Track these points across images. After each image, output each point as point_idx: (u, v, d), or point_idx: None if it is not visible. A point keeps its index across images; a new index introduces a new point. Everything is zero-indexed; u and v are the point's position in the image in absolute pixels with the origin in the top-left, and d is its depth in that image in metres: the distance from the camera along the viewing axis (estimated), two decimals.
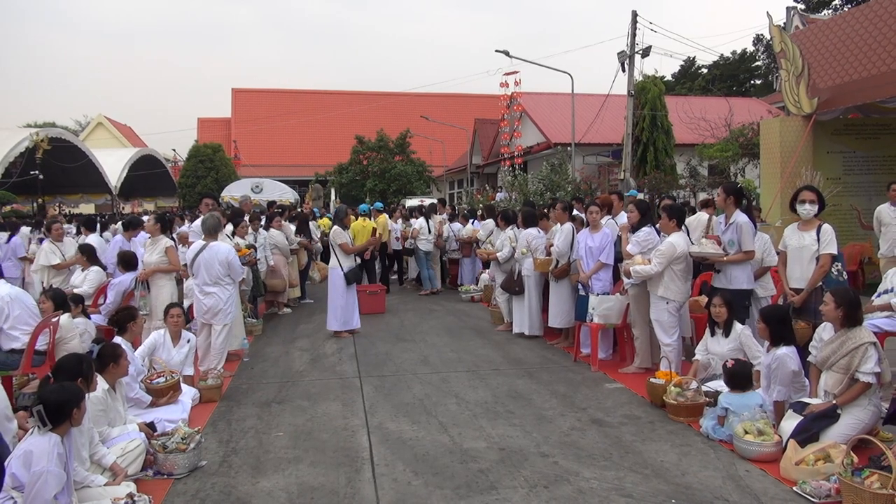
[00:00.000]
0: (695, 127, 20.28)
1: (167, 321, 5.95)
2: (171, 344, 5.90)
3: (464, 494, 3.96)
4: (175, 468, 4.30)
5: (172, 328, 5.94)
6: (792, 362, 4.65)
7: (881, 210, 8.50)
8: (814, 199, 5.63)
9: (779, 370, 4.65)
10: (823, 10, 32.56)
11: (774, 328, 4.78)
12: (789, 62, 10.98)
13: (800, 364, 4.73)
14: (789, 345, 4.74)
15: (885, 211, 8.42)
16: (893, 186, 8.42)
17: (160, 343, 5.83)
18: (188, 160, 31.71)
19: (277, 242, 10.16)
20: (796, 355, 4.72)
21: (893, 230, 8.14)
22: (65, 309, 5.91)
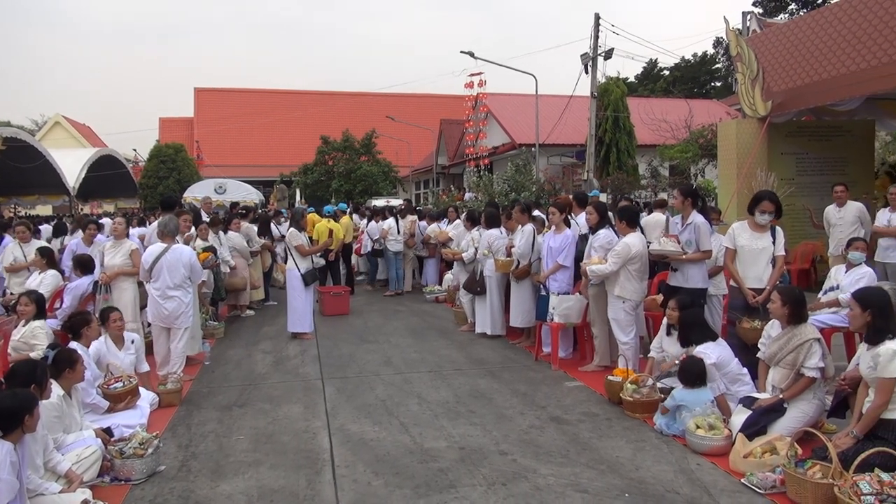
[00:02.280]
0: (656, 128, 20.66)
1: (108, 326, 5.74)
2: (115, 349, 5.72)
3: (423, 493, 4.01)
4: (133, 473, 4.27)
5: (115, 332, 5.81)
6: (709, 357, 4.90)
7: (828, 211, 8.80)
8: (772, 209, 5.77)
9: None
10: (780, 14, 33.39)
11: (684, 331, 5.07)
12: (745, 66, 11.25)
13: (721, 357, 4.99)
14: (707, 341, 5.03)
15: (830, 212, 8.72)
16: (836, 188, 8.73)
17: (104, 351, 5.60)
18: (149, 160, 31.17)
19: (236, 244, 10.07)
20: (716, 350, 4.95)
21: (839, 230, 8.44)
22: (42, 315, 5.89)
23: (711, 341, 5.12)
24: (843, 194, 8.56)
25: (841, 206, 8.54)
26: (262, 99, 44.33)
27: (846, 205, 8.50)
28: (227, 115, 41.36)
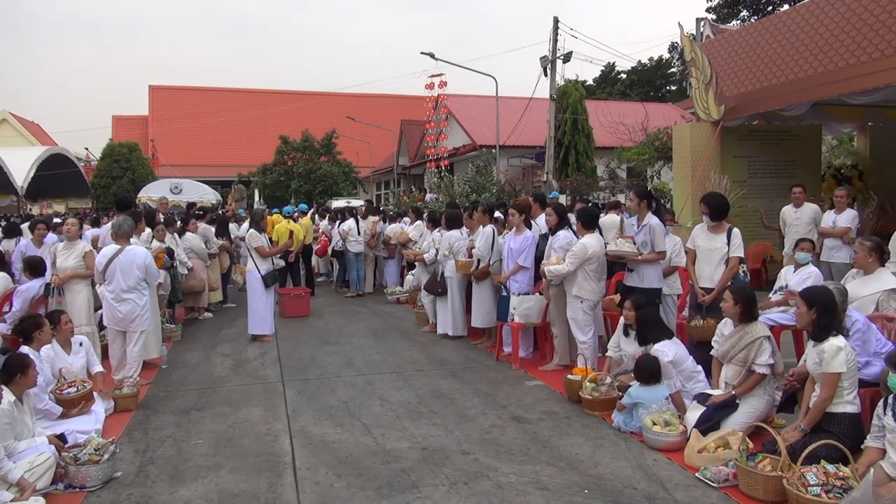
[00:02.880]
0: (614, 131, 21.03)
1: (58, 329, 5.56)
2: (63, 353, 5.55)
3: (386, 494, 4.02)
4: (88, 480, 4.17)
5: (65, 336, 5.66)
6: (665, 355, 5.04)
7: (784, 211, 9.09)
8: (707, 211, 5.97)
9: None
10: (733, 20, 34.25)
11: (641, 329, 5.19)
12: (699, 71, 11.54)
13: (677, 355, 5.13)
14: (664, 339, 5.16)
15: (787, 212, 9.01)
16: (795, 189, 9.03)
17: (52, 355, 5.42)
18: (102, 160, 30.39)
19: (193, 246, 9.91)
20: (672, 347, 5.10)
21: (794, 230, 8.72)
22: None
23: (668, 339, 5.26)
24: (801, 195, 8.86)
25: (798, 206, 8.82)
26: (220, 98, 43.62)
27: (803, 206, 8.79)
28: (184, 114, 40.60)
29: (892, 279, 5.00)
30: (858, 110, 11.61)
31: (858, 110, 11.61)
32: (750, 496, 3.79)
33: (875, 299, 4.95)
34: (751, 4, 34.84)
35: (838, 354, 3.86)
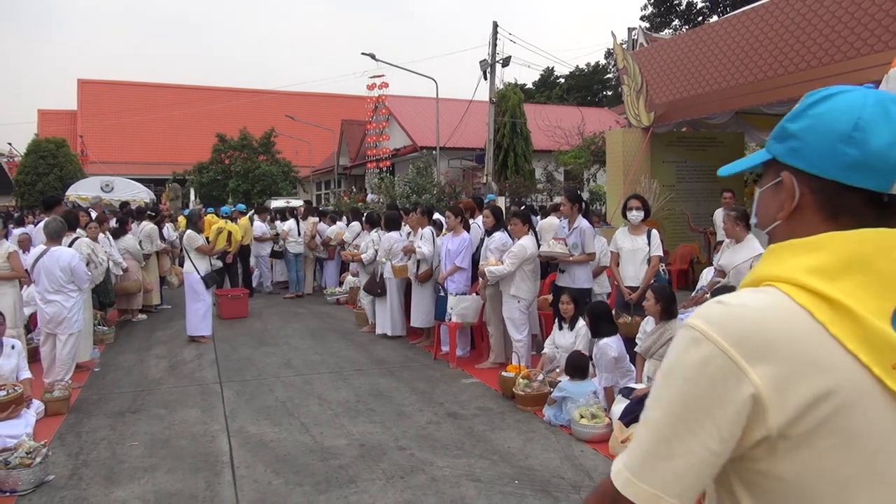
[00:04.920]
0: (551, 134, 21.53)
1: None
2: None
3: (323, 490, 4.12)
4: (18, 484, 4.12)
5: None
6: (612, 350, 5.28)
7: (716, 214, 9.58)
8: (640, 206, 6.32)
9: (602, 358, 5.26)
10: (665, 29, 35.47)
11: (594, 322, 5.41)
12: (630, 78, 11.99)
13: (621, 351, 5.36)
14: (610, 336, 5.36)
15: (719, 215, 9.50)
16: (725, 194, 9.54)
17: None
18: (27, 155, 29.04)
19: (128, 246, 9.73)
20: (617, 344, 5.35)
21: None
22: None
23: (614, 336, 5.48)
24: (731, 200, 9.36)
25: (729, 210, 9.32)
26: (154, 93, 42.36)
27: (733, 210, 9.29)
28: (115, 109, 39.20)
29: (758, 245, 5.34)
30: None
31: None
32: None
33: (748, 265, 5.21)
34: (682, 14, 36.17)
35: None
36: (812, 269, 0.95)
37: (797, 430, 0.92)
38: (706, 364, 0.93)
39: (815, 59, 9.01)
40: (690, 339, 0.96)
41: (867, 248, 0.95)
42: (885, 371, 0.91)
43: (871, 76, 7.22)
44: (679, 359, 0.97)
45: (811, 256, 0.97)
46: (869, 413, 0.92)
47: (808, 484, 0.94)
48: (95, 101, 40.54)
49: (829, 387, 0.91)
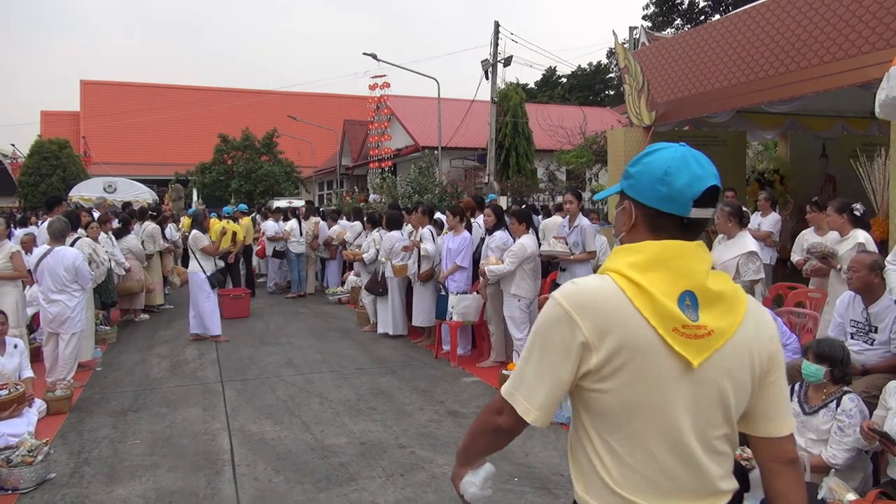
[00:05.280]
0: (553, 134, 21.53)
1: None
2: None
3: (323, 487, 4.14)
4: (21, 482, 4.14)
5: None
6: None
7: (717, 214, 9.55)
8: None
9: None
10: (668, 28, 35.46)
11: None
12: (632, 77, 11.97)
13: None
14: None
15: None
16: (727, 193, 9.52)
17: None
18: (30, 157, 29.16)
19: (131, 246, 9.76)
20: None
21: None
22: None
23: None
24: (733, 199, 9.34)
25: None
26: (156, 94, 42.42)
27: None
28: (117, 110, 39.29)
29: (751, 242, 5.24)
30: (779, 118, 12.25)
31: (779, 118, 12.25)
32: None
33: (735, 263, 5.14)
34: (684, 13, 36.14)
35: None
36: (631, 265, 1.45)
37: (608, 367, 1.41)
38: (557, 320, 1.45)
39: (817, 57, 8.99)
40: (550, 305, 1.48)
41: (668, 253, 1.45)
42: (667, 332, 1.40)
43: (871, 74, 7.21)
44: (543, 317, 1.49)
45: (633, 256, 1.47)
46: (654, 360, 1.41)
47: (613, 403, 1.44)
48: (98, 102, 40.65)
49: (630, 340, 1.41)
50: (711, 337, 1.43)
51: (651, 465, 1.45)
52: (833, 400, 3.58)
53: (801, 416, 3.73)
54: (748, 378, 1.49)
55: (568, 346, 1.43)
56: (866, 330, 4.18)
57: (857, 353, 4.17)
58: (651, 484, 1.45)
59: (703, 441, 1.47)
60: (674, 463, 1.45)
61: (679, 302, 1.42)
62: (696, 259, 1.47)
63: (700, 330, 1.42)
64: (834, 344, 3.70)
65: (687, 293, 1.43)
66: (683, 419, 1.44)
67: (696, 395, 1.44)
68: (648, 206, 1.50)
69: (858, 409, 3.48)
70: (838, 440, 3.48)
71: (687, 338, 1.41)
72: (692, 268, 1.45)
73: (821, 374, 3.59)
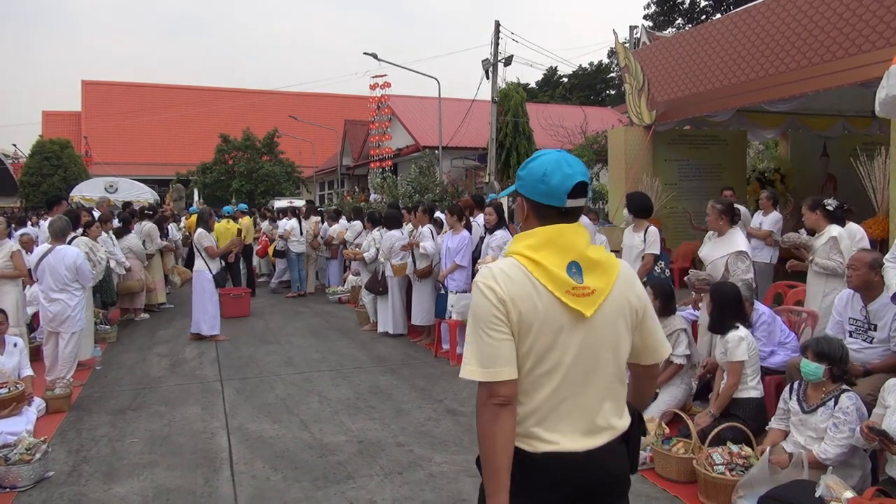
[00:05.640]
0: (554, 133, 21.52)
1: None
2: None
3: (321, 486, 4.14)
4: (19, 480, 4.14)
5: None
6: None
7: None
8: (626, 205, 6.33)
9: None
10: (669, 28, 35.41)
11: None
12: (632, 76, 11.97)
13: None
14: None
15: None
16: (725, 192, 9.52)
17: None
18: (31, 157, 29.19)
19: (132, 245, 9.77)
20: None
21: None
22: None
23: None
24: (732, 198, 9.33)
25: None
26: (157, 94, 42.47)
27: None
28: (119, 110, 39.36)
29: (741, 241, 5.16)
30: (779, 117, 12.24)
31: (779, 117, 12.24)
32: (665, 477, 4.06)
33: (724, 262, 5.10)
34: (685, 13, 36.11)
35: (740, 344, 4.18)
36: (527, 246, 1.86)
37: (523, 325, 1.79)
38: (483, 297, 1.81)
39: (817, 56, 8.98)
40: (474, 291, 1.86)
41: (554, 234, 1.86)
42: (562, 294, 1.80)
43: (872, 73, 7.20)
44: (473, 303, 1.85)
45: (528, 240, 1.88)
46: (554, 316, 1.81)
47: (529, 351, 1.81)
48: (99, 102, 40.71)
49: (535, 303, 1.80)
50: (595, 294, 1.84)
51: (554, 400, 1.83)
52: (831, 398, 3.58)
53: (801, 414, 3.73)
54: (626, 323, 1.92)
55: (497, 310, 1.79)
56: (865, 328, 4.17)
57: (855, 352, 4.17)
58: (552, 416, 1.83)
59: (598, 380, 1.87)
60: (574, 397, 1.84)
61: (567, 270, 1.83)
62: (577, 236, 1.88)
63: (586, 290, 1.83)
64: (833, 342, 3.70)
65: (573, 263, 1.84)
66: (581, 362, 1.84)
67: (590, 341, 1.85)
68: (535, 201, 1.92)
69: (856, 407, 3.48)
70: (832, 436, 3.48)
71: (577, 296, 1.82)
72: (574, 243, 1.86)
73: (820, 373, 3.58)
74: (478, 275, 1.89)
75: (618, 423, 1.91)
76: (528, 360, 1.81)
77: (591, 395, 1.86)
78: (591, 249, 1.88)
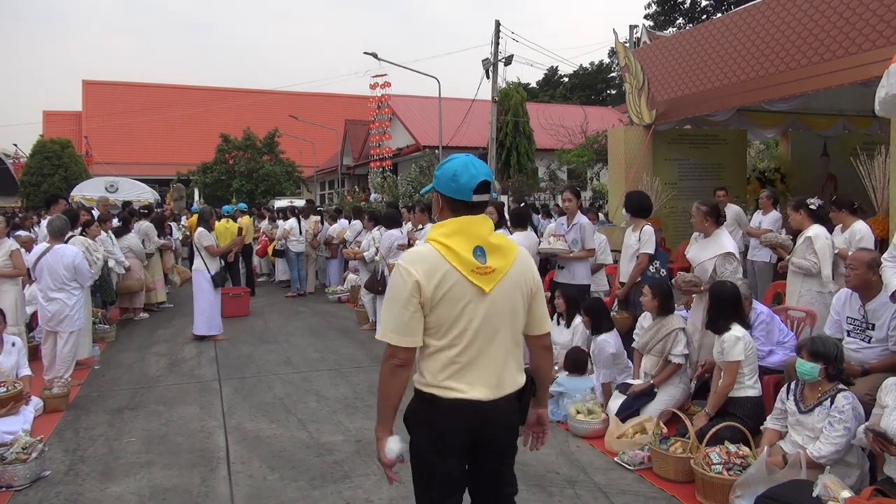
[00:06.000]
0: (554, 133, 21.51)
1: None
2: None
3: (318, 485, 4.13)
4: (15, 479, 4.13)
5: None
6: (610, 346, 5.23)
7: None
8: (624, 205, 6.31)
9: (600, 355, 5.22)
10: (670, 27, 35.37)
11: (594, 319, 5.36)
12: (632, 76, 11.94)
13: (619, 347, 5.31)
14: (608, 331, 5.33)
15: None
16: (718, 192, 9.51)
17: None
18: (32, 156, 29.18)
19: (132, 245, 9.77)
20: (615, 340, 5.31)
21: None
22: None
23: (611, 331, 5.44)
24: (724, 198, 9.34)
25: (721, 208, 9.28)
26: (158, 94, 42.45)
27: (726, 207, 9.26)
28: (119, 110, 39.35)
29: (728, 242, 5.11)
30: (780, 117, 12.21)
31: (780, 117, 12.21)
32: (662, 477, 4.05)
33: (713, 264, 5.04)
34: (686, 12, 36.06)
35: (737, 344, 4.16)
36: (441, 234, 2.28)
37: (435, 297, 2.22)
38: (401, 275, 2.25)
39: (817, 55, 8.96)
40: (395, 269, 2.29)
41: (462, 224, 2.28)
42: (468, 272, 2.23)
43: (872, 72, 7.18)
44: (394, 278, 2.29)
45: (442, 229, 2.30)
46: (461, 290, 2.23)
47: (439, 320, 2.25)
48: (100, 102, 40.70)
49: (445, 279, 2.22)
50: (495, 273, 2.29)
51: (463, 359, 2.28)
52: (828, 398, 3.56)
53: (797, 414, 3.72)
54: (521, 297, 2.37)
55: (410, 287, 2.22)
56: (863, 327, 4.16)
57: (854, 352, 4.16)
58: (462, 371, 2.29)
59: (499, 343, 2.32)
60: (479, 357, 2.29)
61: (473, 253, 2.26)
62: (481, 226, 2.31)
63: (488, 269, 2.28)
64: (827, 341, 3.68)
65: (478, 247, 2.28)
66: (485, 327, 2.29)
67: (491, 311, 2.29)
68: (448, 196, 2.33)
69: (852, 406, 3.46)
70: (826, 434, 3.47)
71: (480, 275, 2.26)
72: (479, 231, 2.30)
73: (815, 372, 3.56)
74: (400, 256, 2.35)
75: (516, 379, 2.38)
76: (441, 327, 2.27)
77: (493, 355, 2.31)
78: (493, 236, 2.32)
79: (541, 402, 2.59)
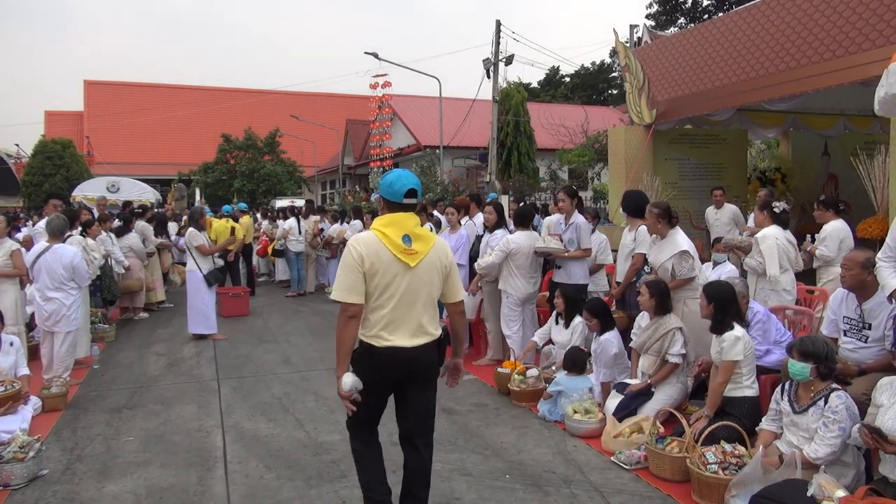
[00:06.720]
0: (555, 133, 21.48)
1: None
2: None
3: (314, 484, 4.13)
4: (12, 478, 4.14)
5: None
6: (613, 346, 5.23)
7: (707, 212, 9.54)
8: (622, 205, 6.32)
9: (602, 354, 5.21)
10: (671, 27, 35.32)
11: (599, 319, 5.35)
12: (633, 76, 11.94)
13: (621, 347, 5.31)
14: (611, 331, 5.32)
15: (709, 213, 9.47)
16: (715, 192, 9.50)
17: None
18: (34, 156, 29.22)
19: (132, 244, 9.78)
20: (618, 340, 5.30)
21: (716, 230, 9.19)
22: None
23: (613, 331, 5.44)
24: (721, 198, 9.33)
25: (719, 208, 9.30)
26: (159, 94, 42.51)
27: (723, 207, 9.27)
28: (120, 110, 39.38)
29: (683, 241, 5.12)
30: (780, 116, 12.20)
31: (780, 116, 12.20)
32: (658, 476, 4.05)
33: (671, 264, 5.09)
34: (687, 12, 36.02)
35: (736, 344, 4.15)
36: (380, 224, 3.19)
37: (371, 271, 3.11)
38: (350, 252, 3.14)
39: (817, 54, 8.94)
40: (348, 247, 3.18)
41: (396, 218, 3.19)
42: (398, 253, 3.13)
43: (872, 71, 7.16)
44: (345, 253, 3.18)
45: (381, 221, 3.22)
46: (392, 266, 3.13)
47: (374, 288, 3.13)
48: (101, 102, 40.75)
49: (380, 258, 3.12)
50: (418, 254, 3.15)
51: (392, 316, 3.13)
52: (821, 398, 3.56)
53: (792, 415, 3.71)
54: (438, 273, 3.25)
55: (356, 260, 3.09)
56: (860, 327, 4.15)
57: (850, 352, 4.15)
58: (391, 325, 3.13)
59: (419, 304, 3.17)
60: (404, 314, 3.14)
61: (402, 239, 3.12)
62: (409, 220, 3.18)
63: (413, 251, 3.13)
64: (817, 340, 3.67)
65: (406, 235, 3.13)
66: (408, 293, 3.14)
67: (414, 281, 3.15)
68: (386, 199, 3.23)
69: (846, 406, 3.46)
70: (821, 435, 3.47)
71: (407, 255, 3.11)
72: (407, 224, 3.16)
73: (807, 372, 3.56)
74: (350, 239, 3.28)
75: (432, 331, 3.23)
76: (376, 291, 3.11)
77: (415, 313, 3.16)
78: (417, 228, 3.19)
79: (457, 353, 3.54)
